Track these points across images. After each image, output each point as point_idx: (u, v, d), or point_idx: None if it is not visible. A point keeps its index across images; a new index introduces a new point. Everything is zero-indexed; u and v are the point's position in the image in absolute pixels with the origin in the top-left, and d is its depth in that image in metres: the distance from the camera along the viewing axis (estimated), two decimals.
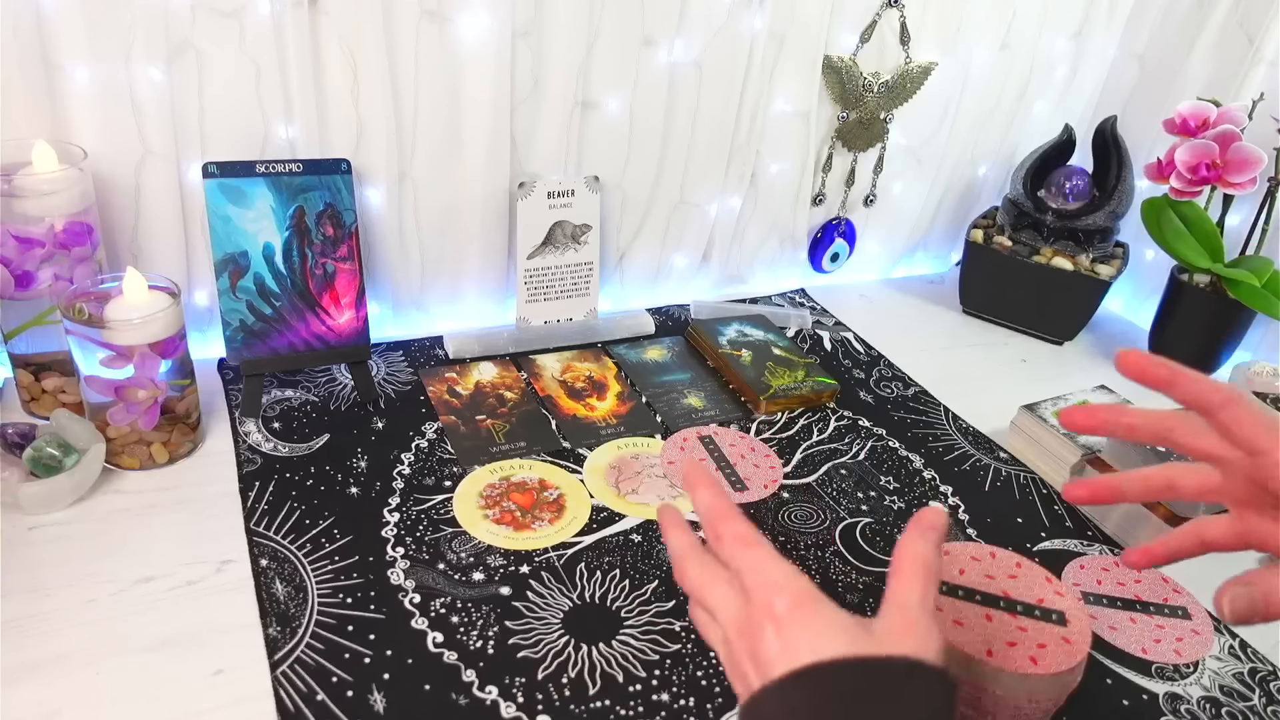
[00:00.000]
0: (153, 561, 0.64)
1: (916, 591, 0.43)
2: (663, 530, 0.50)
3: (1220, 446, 0.48)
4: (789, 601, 0.42)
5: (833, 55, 1.02)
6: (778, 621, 0.41)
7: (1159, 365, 0.48)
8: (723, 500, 0.48)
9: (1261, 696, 0.63)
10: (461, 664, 0.58)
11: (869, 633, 0.41)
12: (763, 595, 0.42)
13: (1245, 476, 0.47)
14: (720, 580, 0.45)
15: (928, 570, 0.44)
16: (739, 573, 0.44)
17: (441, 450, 0.79)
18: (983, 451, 0.87)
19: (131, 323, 0.67)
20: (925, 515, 0.47)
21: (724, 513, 0.47)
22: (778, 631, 0.41)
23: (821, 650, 0.40)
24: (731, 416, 0.88)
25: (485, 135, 0.88)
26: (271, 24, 0.76)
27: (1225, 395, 0.46)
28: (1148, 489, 0.52)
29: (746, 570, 0.44)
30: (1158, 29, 1.12)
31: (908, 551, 0.45)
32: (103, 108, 0.74)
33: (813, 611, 0.42)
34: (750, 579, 0.43)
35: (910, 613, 0.42)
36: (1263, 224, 1.00)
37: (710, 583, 0.45)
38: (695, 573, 0.46)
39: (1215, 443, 0.48)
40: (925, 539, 0.46)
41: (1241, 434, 0.46)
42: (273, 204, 0.78)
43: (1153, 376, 0.48)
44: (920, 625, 0.42)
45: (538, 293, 0.97)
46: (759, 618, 0.42)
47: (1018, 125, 1.18)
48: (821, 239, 1.16)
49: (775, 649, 0.41)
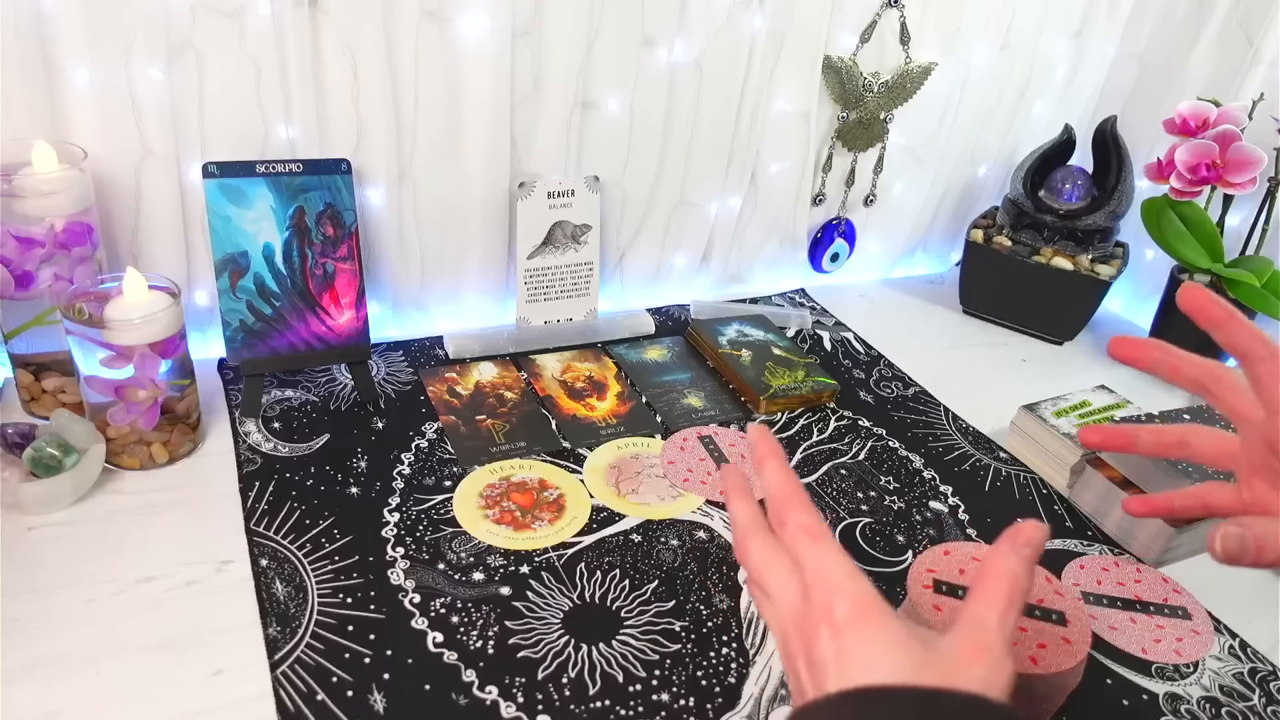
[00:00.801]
0: (153, 561, 0.64)
1: (997, 611, 0.40)
2: (726, 496, 0.47)
3: (1252, 406, 0.47)
4: (849, 608, 0.39)
5: (833, 55, 1.02)
6: (835, 627, 0.39)
7: (1217, 305, 0.47)
8: (792, 483, 0.45)
9: (1261, 696, 0.63)
10: (461, 664, 0.58)
11: (933, 653, 0.38)
12: (823, 595, 0.40)
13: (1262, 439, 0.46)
14: (782, 565, 0.43)
15: (1014, 589, 0.40)
16: (801, 566, 0.42)
17: (441, 450, 0.79)
18: (983, 451, 0.87)
19: (131, 323, 0.67)
20: (1023, 528, 0.43)
21: (792, 498, 0.44)
22: (834, 636, 0.39)
23: (878, 668, 0.37)
24: (731, 416, 0.88)
25: (485, 135, 0.88)
26: (271, 24, 0.76)
27: (1270, 350, 0.45)
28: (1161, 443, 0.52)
29: (809, 565, 0.42)
30: (1158, 29, 1.12)
31: (995, 565, 0.41)
32: (103, 108, 0.74)
33: (873, 623, 0.39)
34: (812, 575, 0.41)
35: (985, 634, 0.39)
36: (1263, 224, 1.00)
37: (772, 566, 0.43)
38: (758, 554, 0.44)
39: (1249, 402, 0.47)
40: (1018, 554, 0.42)
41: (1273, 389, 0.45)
42: (273, 204, 0.78)
43: (1206, 315, 0.47)
44: (994, 651, 0.38)
45: (538, 293, 0.97)
46: (816, 618, 0.40)
47: (1018, 125, 1.18)
48: (821, 239, 1.16)
49: (830, 654, 0.39)
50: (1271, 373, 0.45)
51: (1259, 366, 0.45)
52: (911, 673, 0.37)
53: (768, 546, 0.44)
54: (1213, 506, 0.50)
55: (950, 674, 0.37)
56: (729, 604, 0.65)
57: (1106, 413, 0.86)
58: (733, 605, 0.65)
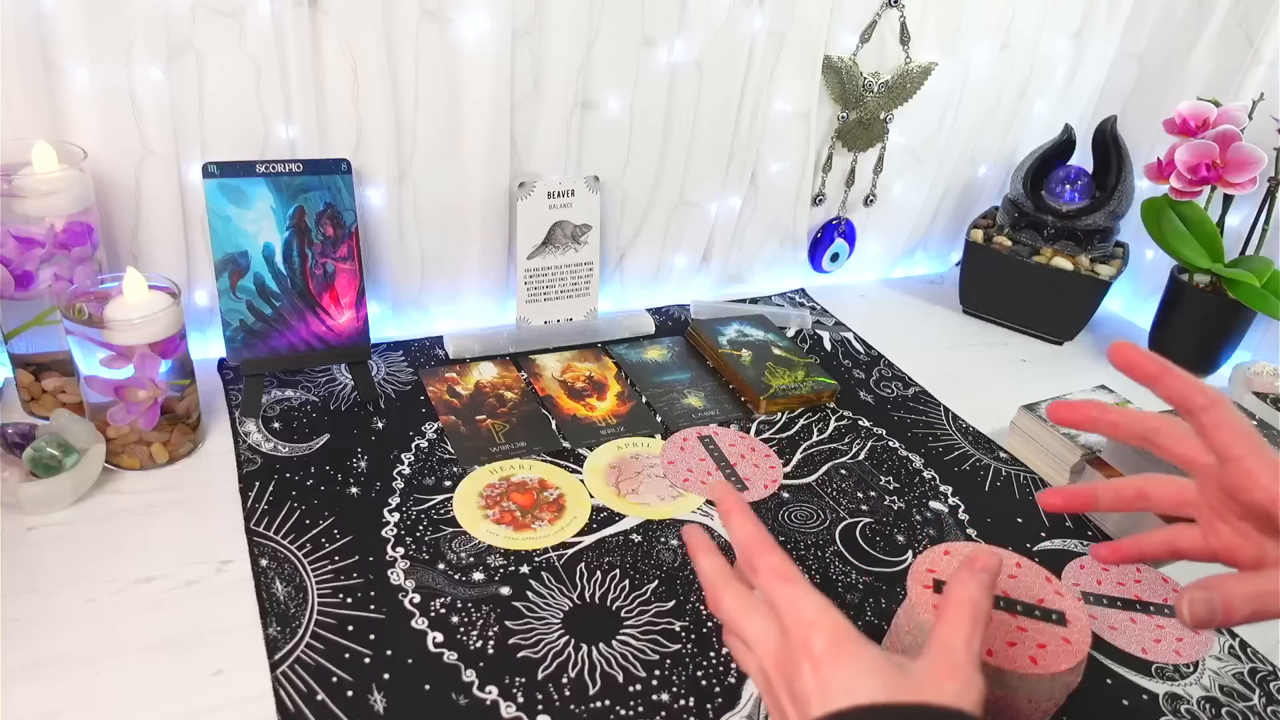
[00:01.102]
0: (153, 561, 0.64)
1: (962, 634, 0.42)
2: (691, 553, 0.50)
3: (1198, 451, 0.47)
4: (826, 641, 0.41)
5: (833, 55, 1.02)
6: (815, 660, 0.41)
7: (1149, 360, 0.47)
8: (759, 530, 0.48)
9: (1261, 696, 0.63)
10: (461, 664, 0.58)
11: (906, 676, 0.41)
12: (800, 632, 0.42)
13: (1216, 484, 0.47)
14: (756, 612, 0.45)
15: (975, 613, 0.43)
16: (776, 608, 0.44)
17: (441, 450, 0.79)
18: (983, 451, 0.87)
19: (131, 323, 0.67)
20: (978, 556, 0.46)
21: (759, 543, 0.47)
22: (815, 670, 0.41)
23: (857, 692, 0.39)
24: (731, 416, 0.88)
25: (485, 135, 0.88)
26: (271, 24, 0.76)
27: (1209, 398, 0.45)
28: (1119, 499, 0.53)
29: (784, 607, 0.44)
30: (1158, 29, 1.12)
31: (956, 594, 0.44)
32: (103, 108, 0.74)
33: (849, 651, 0.41)
34: (788, 615, 0.43)
35: (953, 656, 0.42)
36: (1263, 224, 1.00)
37: (747, 614, 0.45)
38: (730, 603, 0.46)
39: (1194, 447, 0.48)
40: (976, 580, 0.45)
41: (1218, 437, 0.45)
42: (273, 204, 0.78)
43: (1141, 370, 0.47)
44: (963, 671, 0.41)
45: (538, 293, 0.97)
46: (796, 655, 0.42)
47: (1018, 125, 1.18)
48: (821, 239, 1.16)
49: (812, 686, 0.41)
50: (1215, 422, 0.45)
51: (1201, 416, 0.46)
52: (889, 693, 0.39)
53: (740, 596, 0.47)
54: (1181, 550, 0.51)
55: (925, 692, 0.39)
56: None
57: None
58: None
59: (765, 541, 0.47)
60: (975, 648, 0.42)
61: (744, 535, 0.48)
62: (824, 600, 0.44)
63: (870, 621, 0.66)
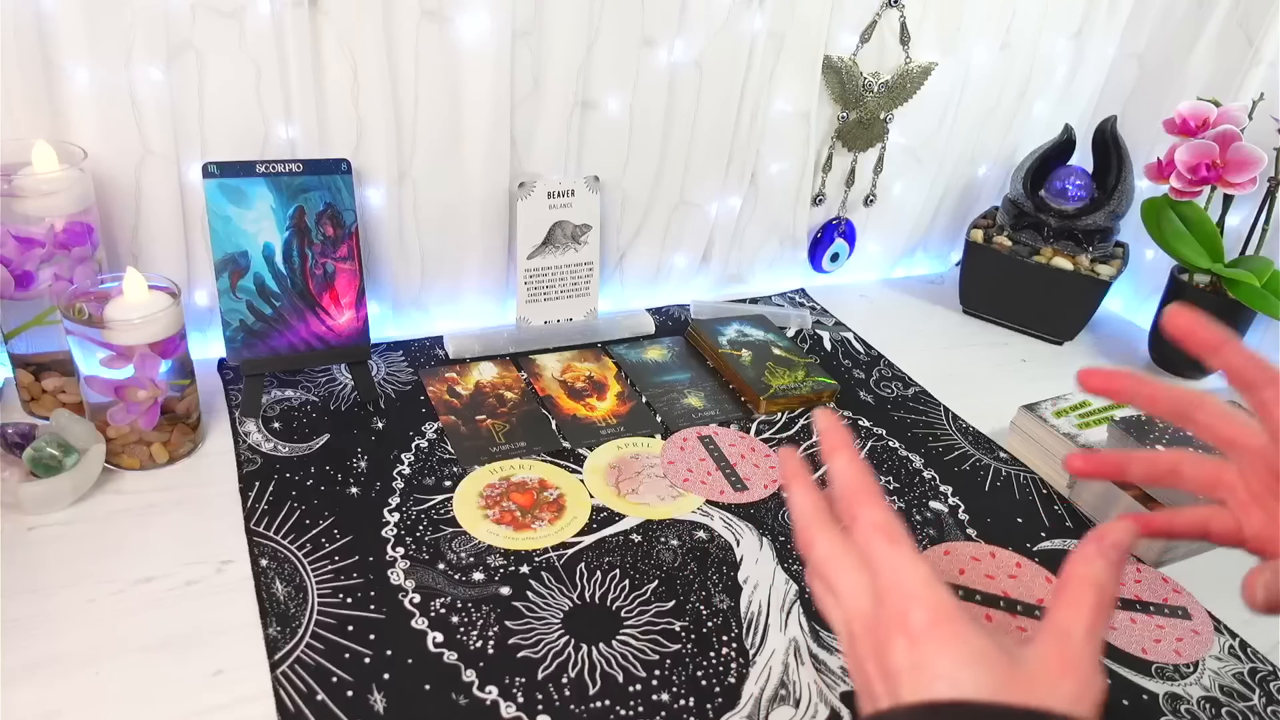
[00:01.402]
0: (153, 561, 0.64)
1: (1083, 621, 0.37)
2: (786, 482, 0.45)
3: (1245, 431, 0.44)
4: (928, 617, 0.37)
5: (833, 55, 1.02)
6: (912, 636, 0.37)
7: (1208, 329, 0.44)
8: (864, 475, 0.42)
9: (1261, 696, 0.63)
10: (461, 664, 0.58)
11: (1017, 668, 0.36)
12: (898, 602, 0.38)
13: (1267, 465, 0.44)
14: (851, 564, 0.40)
15: (1100, 597, 0.38)
16: (874, 569, 0.39)
17: (441, 450, 0.79)
18: (983, 451, 0.87)
19: (131, 323, 0.67)
20: (1109, 529, 0.40)
21: (863, 492, 0.41)
22: (910, 646, 0.37)
23: (960, 682, 0.35)
24: (731, 416, 0.88)
25: (485, 135, 0.88)
26: (271, 24, 0.76)
27: (1271, 374, 0.43)
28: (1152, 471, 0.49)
29: (883, 569, 0.39)
30: (1158, 29, 1.12)
31: (1078, 571, 0.38)
32: (103, 108, 0.74)
33: (953, 633, 0.36)
34: (886, 579, 0.39)
35: (1071, 648, 0.36)
36: (1263, 224, 1.00)
37: (839, 565, 0.41)
38: (823, 549, 0.42)
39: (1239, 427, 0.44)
40: (1104, 557, 0.39)
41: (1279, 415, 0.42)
42: (273, 204, 0.78)
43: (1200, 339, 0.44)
44: (1082, 665, 0.36)
45: (538, 293, 0.97)
46: (891, 625, 0.38)
47: (1018, 125, 1.18)
48: (821, 239, 1.16)
49: (906, 663, 0.36)
50: (1275, 399, 0.43)
51: (1263, 392, 0.43)
52: (995, 689, 0.35)
53: (834, 542, 0.41)
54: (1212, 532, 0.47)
55: (1037, 690, 0.35)
56: (729, 604, 0.65)
57: (1106, 413, 0.86)
58: (733, 605, 0.65)
59: (869, 490, 0.41)
60: (1097, 639, 0.37)
61: (846, 479, 0.42)
62: (929, 570, 0.39)
63: None
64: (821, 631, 0.64)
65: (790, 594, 0.67)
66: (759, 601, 0.66)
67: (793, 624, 0.65)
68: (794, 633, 0.64)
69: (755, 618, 0.65)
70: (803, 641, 0.63)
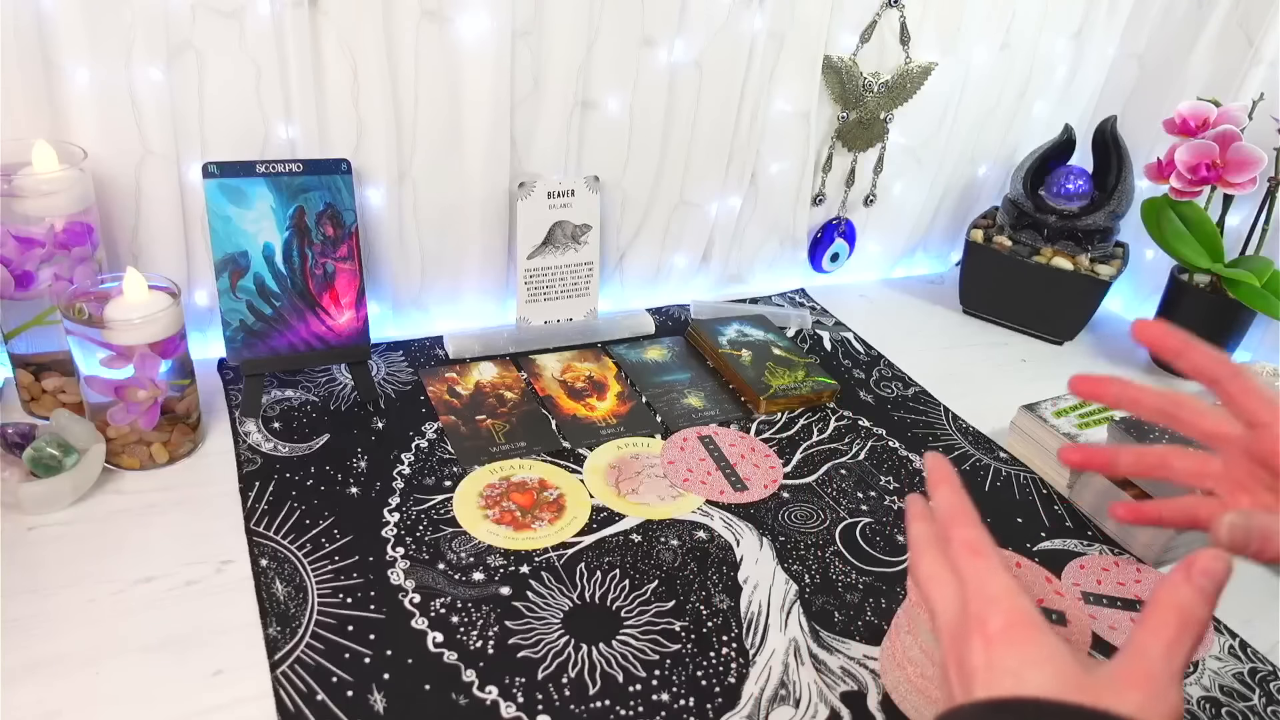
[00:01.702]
0: (153, 561, 0.64)
1: (1162, 642, 0.37)
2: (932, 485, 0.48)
3: (1222, 424, 0.48)
4: (1004, 620, 0.39)
5: (833, 55, 1.02)
6: (988, 638, 0.39)
7: (1172, 336, 0.48)
8: (961, 502, 0.46)
9: (1261, 696, 0.63)
10: (461, 664, 0.58)
11: (1087, 674, 0.37)
12: (979, 607, 0.40)
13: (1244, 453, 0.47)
14: (946, 583, 0.43)
15: (1184, 621, 0.37)
16: (962, 580, 0.42)
17: (441, 450, 0.79)
18: (983, 451, 0.87)
19: (131, 323, 0.67)
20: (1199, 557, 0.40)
21: (959, 515, 0.45)
22: (985, 647, 0.39)
23: (1027, 680, 0.37)
24: (731, 416, 0.88)
25: (485, 135, 0.88)
26: (271, 24, 0.76)
27: (1232, 368, 0.46)
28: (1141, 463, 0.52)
29: (969, 579, 0.42)
30: (1158, 29, 1.12)
31: (1165, 595, 0.39)
32: (103, 108, 0.74)
33: (1027, 636, 0.39)
34: (971, 588, 0.42)
35: (1148, 664, 0.37)
36: (1263, 224, 1.00)
37: (936, 583, 0.44)
38: (925, 570, 0.45)
39: (1218, 421, 0.48)
40: (1191, 585, 0.39)
41: (1246, 404, 0.46)
42: (273, 204, 0.78)
43: (1166, 345, 0.48)
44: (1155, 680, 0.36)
45: (538, 293, 0.97)
46: (970, 629, 0.40)
47: (1018, 125, 1.18)
48: (821, 239, 1.16)
49: (980, 663, 0.39)
50: (1242, 389, 0.46)
51: (1228, 385, 0.46)
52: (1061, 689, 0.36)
53: (935, 562, 0.45)
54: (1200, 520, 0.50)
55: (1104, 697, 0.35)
56: (729, 604, 0.66)
57: (1106, 413, 0.86)
58: (733, 605, 0.65)
59: (965, 514, 0.45)
60: (1177, 661, 0.37)
61: (945, 505, 0.46)
62: (1013, 581, 0.41)
63: (870, 621, 0.66)
64: (821, 631, 0.64)
65: (790, 594, 0.67)
66: (759, 601, 0.66)
67: (793, 624, 0.65)
68: (794, 633, 0.64)
69: (755, 618, 0.65)
70: (803, 641, 0.63)
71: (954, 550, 0.44)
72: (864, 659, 0.62)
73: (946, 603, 0.43)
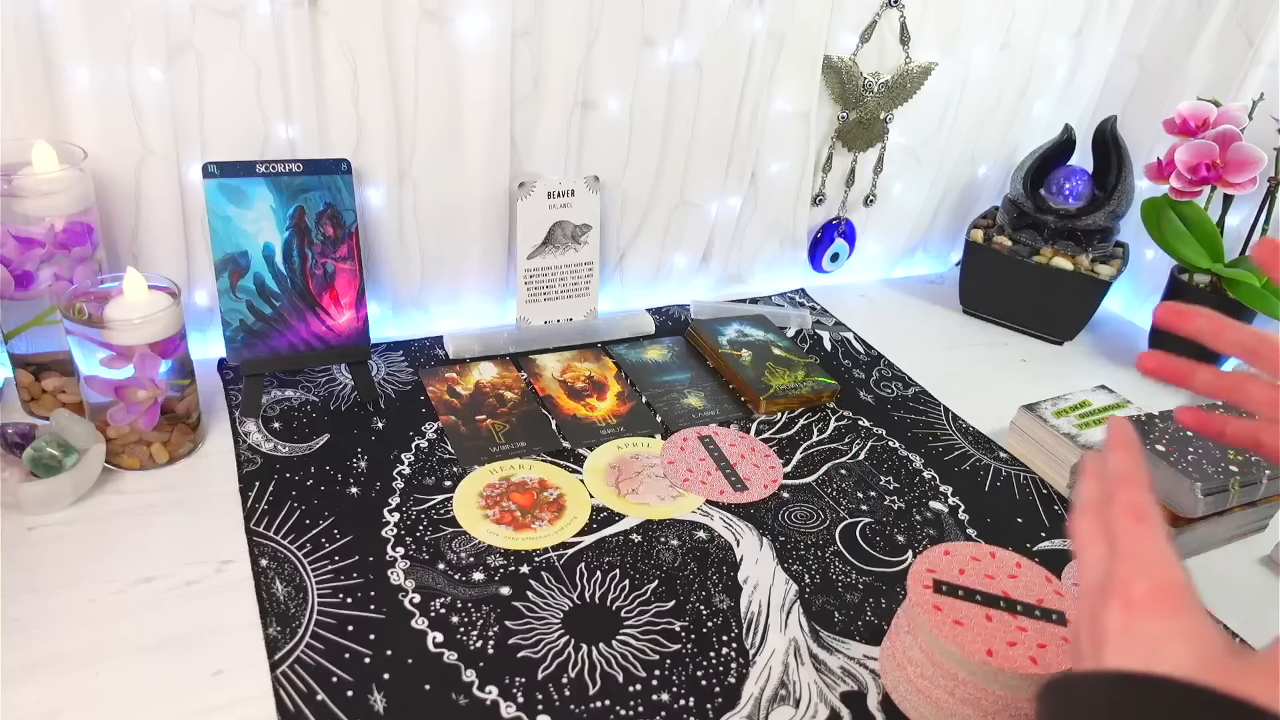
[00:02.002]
0: (153, 561, 0.64)
1: None
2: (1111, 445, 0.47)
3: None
4: (1150, 589, 0.37)
5: (833, 55, 1.02)
6: (1129, 602, 0.37)
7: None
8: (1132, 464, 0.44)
9: None
10: (461, 664, 0.58)
11: (1233, 658, 0.34)
12: (1126, 570, 0.38)
13: None
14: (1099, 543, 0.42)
15: None
16: (1116, 542, 0.40)
17: (441, 450, 0.79)
18: (983, 451, 0.87)
19: (131, 323, 0.67)
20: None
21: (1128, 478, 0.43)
22: (1124, 610, 0.37)
23: (1164, 653, 0.35)
24: (731, 416, 0.88)
25: (485, 135, 0.88)
26: (271, 24, 0.76)
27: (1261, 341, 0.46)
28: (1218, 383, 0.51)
29: (1123, 542, 0.40)
30: (1158, 29, 1.12)
31: None
32: (103, 108, 0.74)
33: (1172, 607, 0.37)
34: (1123, 550, 0.39)
35: None
36: (1263, 224, 1.00)
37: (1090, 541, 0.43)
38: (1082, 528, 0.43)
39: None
40: None
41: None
42: (273, 204, 0.78)
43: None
44: None
45: (538, 293, 0.97)
46: (1114, 590, 0.38)
47: (1018, 125, 1.18)
48: (821, 239, 1.16)
49: (1115, 627, 0.37)
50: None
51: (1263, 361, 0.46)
52: (1198, 669, 0.34)
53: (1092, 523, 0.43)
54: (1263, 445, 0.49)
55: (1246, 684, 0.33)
56: (729, 604, 0.65)
57: (1106, 412, 0.86)
58: (733, 605, 0.65)
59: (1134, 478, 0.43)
60: None
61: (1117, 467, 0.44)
62: (1170, 552, 0.39)
63: (870, 621, 0.66)
64: (821, 631, 0.64)
65: (790, 594, 0.67)
66: (759, 601, 0.66)
67: (793, 624, 0.65)
68: (794, 633, 0.64)
69: (755, 618, 0.65)
70: (803, 641, 0.63)
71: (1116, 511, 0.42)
72: (864, 659, 0.62)
73: (1095, 563, 0.41)
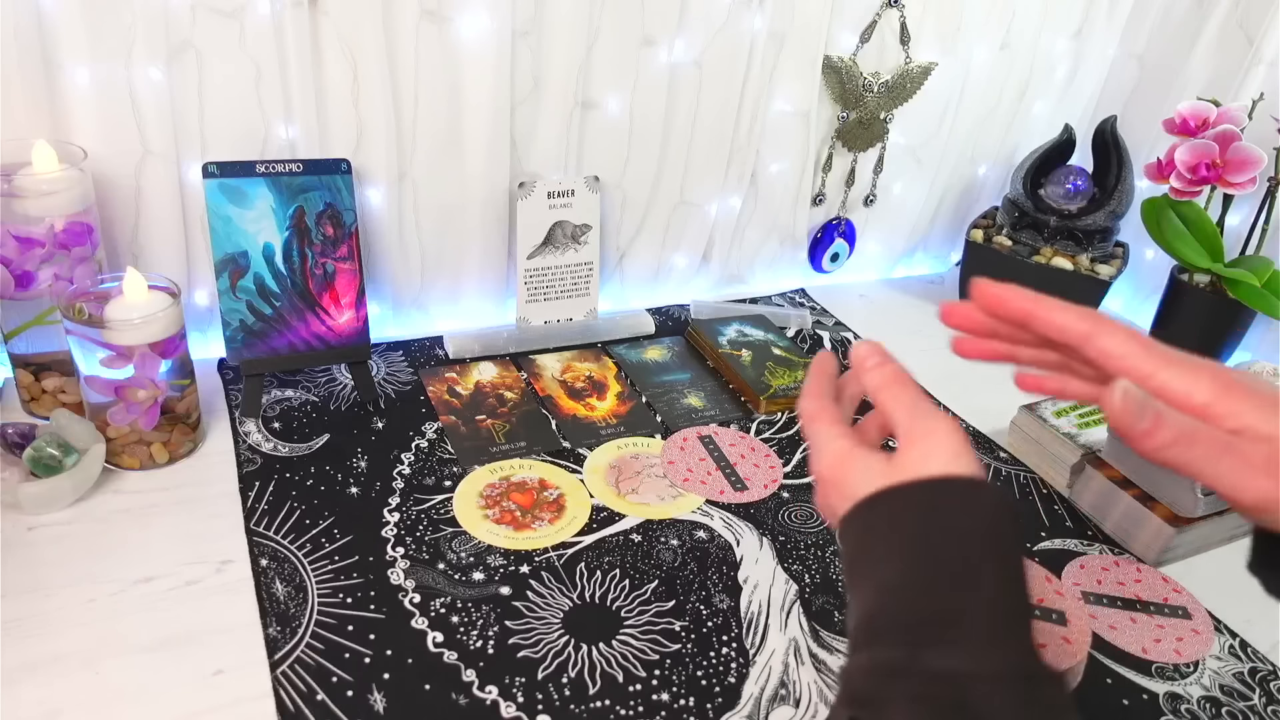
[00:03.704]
0: (153, 561, 0.64)
1: (904, 405, 0.46)
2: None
3: None
4: (826, 464, 0.48)
5: (833, 55, 1.02)
6: (821, 481, 0.47)
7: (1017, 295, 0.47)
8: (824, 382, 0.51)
9: (1261, 696, 0.63)
10: (461, 664, 0.58)
11: (890, 465, 0.44)
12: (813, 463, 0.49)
13: None
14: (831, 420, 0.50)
15: (900, 384, 0.47)
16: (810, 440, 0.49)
17: (441, 450, 0.79)
18: (983, 451, 0.87)
19: (131, 323, 0.67)
20: (859, 354, 0.50)
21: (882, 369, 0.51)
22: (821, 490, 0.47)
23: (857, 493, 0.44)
24: (731, 416, 0.88)
25: (485, 135, 0.88)
26: (271, 24, 0.76)
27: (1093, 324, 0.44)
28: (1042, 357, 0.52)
29: (810, 441, 0.48)
30: (1158, 29, 1.12)
31: (876, 388, 0.48)
32: (103, 108, 0.74)
33: (847, 465, 0.47)
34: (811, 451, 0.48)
35: (921, 427, 0.44)
36: (1263, 224, 1.00)
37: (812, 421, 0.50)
38: (807, 407, 0.50)
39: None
40: (872, 371, 0.49)
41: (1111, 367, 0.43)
42: (273, 204, 0.78)
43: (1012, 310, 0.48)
44: (936, 435, 0.44)
45: (538, 293, 0.97)
46: (818, 483, 0.48)
47: (1018, 125, 1.18)
48: (821, 239, 1.16)
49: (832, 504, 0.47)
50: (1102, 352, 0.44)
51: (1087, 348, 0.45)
52: (882, 479, 0.44)
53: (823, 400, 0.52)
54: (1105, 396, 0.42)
55: (914, 471, 0.43)
56: (729, 604, 0.66)
57: None
58: (733, 605, 0.65)
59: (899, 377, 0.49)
60: (925, 406, 0.46)
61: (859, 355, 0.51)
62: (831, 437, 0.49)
63: None
64: (822, 631, 0.64)
65: (790, 594, 0.67)
66: (759, 601, 0.66)
67: (793, 624, 0.65)
68: (794, 633, 0.64)
69: (755, 618, 0.65)
70: (803, 641, 0.63)
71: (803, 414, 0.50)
72: None
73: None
